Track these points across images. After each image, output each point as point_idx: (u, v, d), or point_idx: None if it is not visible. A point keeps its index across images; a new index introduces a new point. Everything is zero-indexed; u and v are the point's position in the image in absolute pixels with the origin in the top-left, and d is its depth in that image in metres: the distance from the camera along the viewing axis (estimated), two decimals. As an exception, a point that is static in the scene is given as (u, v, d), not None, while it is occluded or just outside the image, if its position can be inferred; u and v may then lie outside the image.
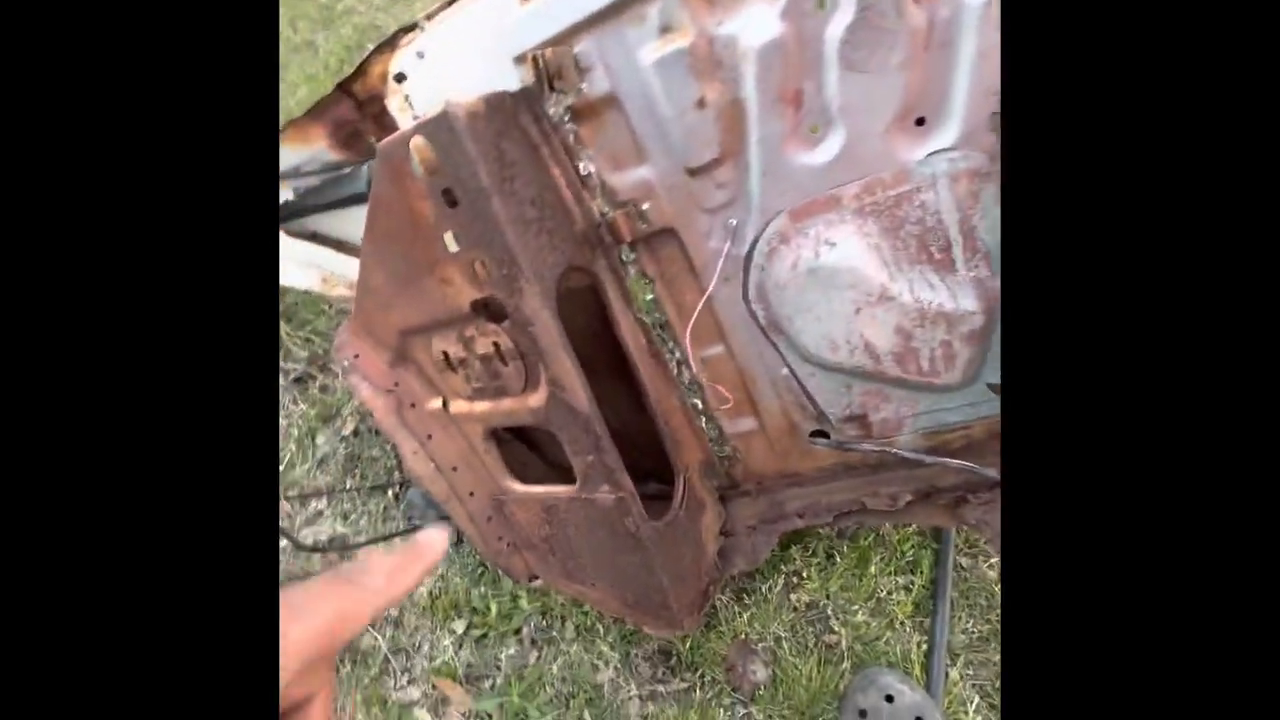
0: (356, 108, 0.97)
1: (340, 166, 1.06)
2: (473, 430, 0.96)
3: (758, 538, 1.03)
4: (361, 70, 0.90)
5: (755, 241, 0.80)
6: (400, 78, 0.80)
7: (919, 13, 0.62)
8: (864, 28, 0.64)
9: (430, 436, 1.00)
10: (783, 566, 1.09)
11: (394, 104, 0.82)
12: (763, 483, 1.05)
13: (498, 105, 0.72)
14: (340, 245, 1.17)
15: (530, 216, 0.74)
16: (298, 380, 1.36)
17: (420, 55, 0.78)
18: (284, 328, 1.41)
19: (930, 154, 0.70)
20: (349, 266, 1.12)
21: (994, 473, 0.86)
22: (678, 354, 0.93)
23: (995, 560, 1.05)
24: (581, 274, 0.84)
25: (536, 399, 0.84)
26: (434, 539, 0.38)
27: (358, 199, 1.10)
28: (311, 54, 2.18)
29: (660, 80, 0.71)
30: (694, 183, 0.77)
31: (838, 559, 1.06)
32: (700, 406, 0.98)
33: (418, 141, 0.71)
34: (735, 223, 0.79)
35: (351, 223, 1.16)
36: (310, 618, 0.30)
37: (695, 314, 0.86)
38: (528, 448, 1.14)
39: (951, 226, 0.73)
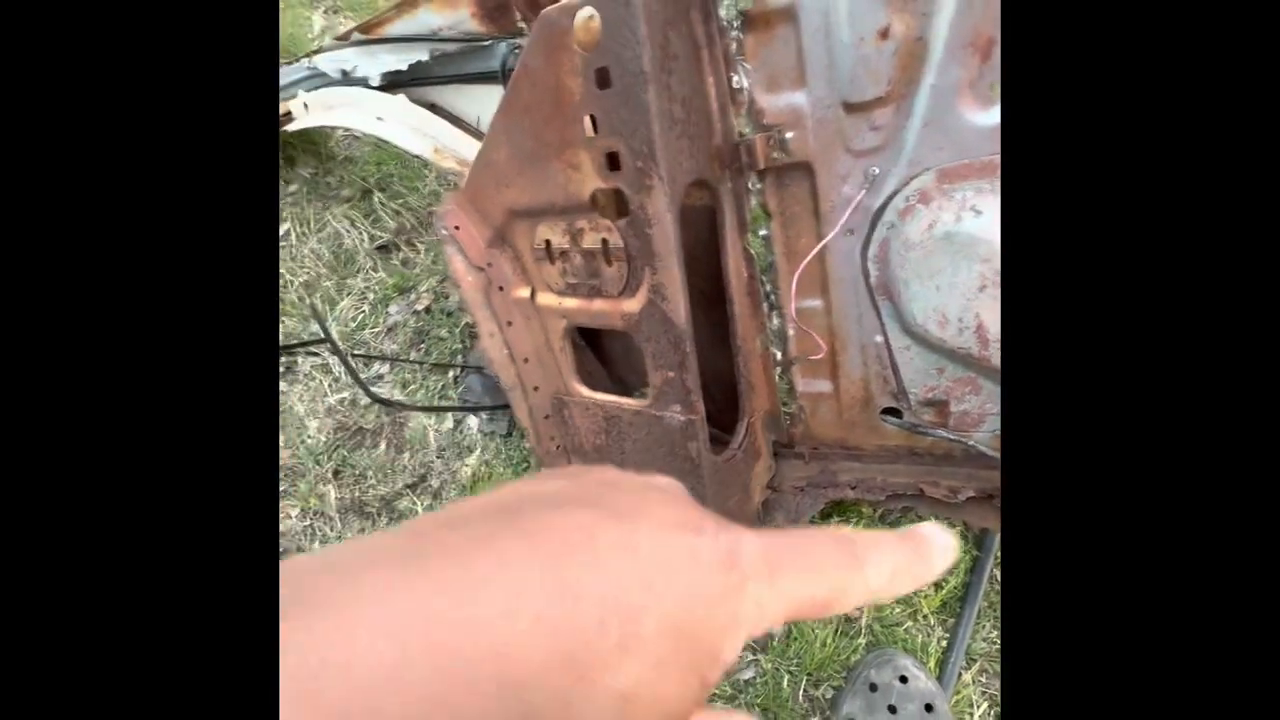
0: (513, -21, 0.95)
1: (478, 39, 1.05)
2: (554, 326, 0.97)
3: (804, 499, 1.03)
4: (530, -61, 0.88)
5: (892, 196, 0.77)
6: (576, -51, 0.78)
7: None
8: (1088, -18, 0.59)
9: (510, 323, 1.01)
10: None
11: (561, -24, 0.80)
12: (819, 449, 1.04)
13: (675, -7, 0.70)
14: (457, 121, 1.17)
15: (678, 116, 0.73)
16: (381, 248, 1.38)
17: (604, -72, 0.75)
18: (378, 196, 1.42)
19: (1113, 137, 0.65)
20: (462, 142, 1.12)
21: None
22: (773, 298, 0.92)
23: (1033, 581, 1.03)
24: (704, 191, 0.82)
25: (633, 304, 0.84)
26: (945, 544, 0.27)
27: (486, 77, 1.09)
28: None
29: (849, 1, 0.67)
30: (847, 119, 0.74)
31: (875, 540, 1.06)
32: (780, 357, 0.96)
33: (587, 12, 0.69)
34: (878, 171, 0.76)
35: (474, 100, 1.16)
36: (810, 580, 0.22)
37: (807, 260, 0.84)
38: (599, 361, 1.15)
39: (1109, 221, 0.69)
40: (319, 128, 1.30)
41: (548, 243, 0.90)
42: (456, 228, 0.98)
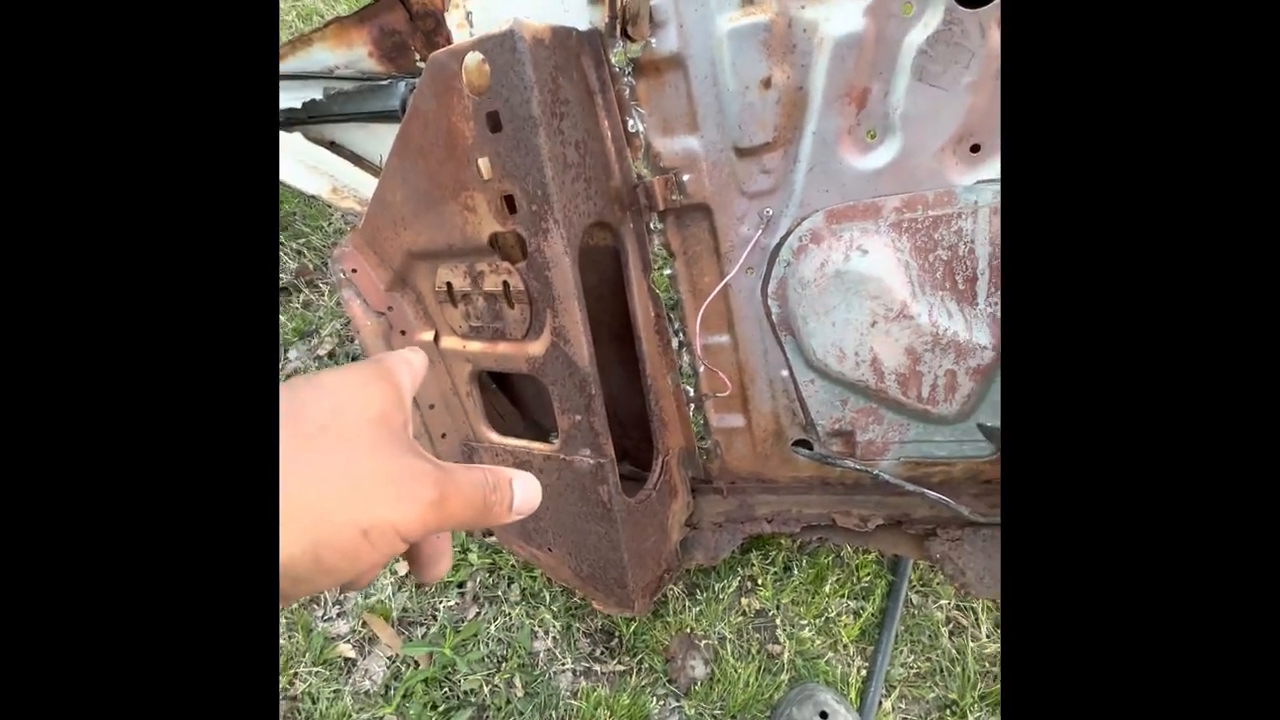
0: (408, 18, 0.94)
1: (376, 78, 1.03)
2: (460, 370, 0.93)
3: (722, 535, 1.02)
4: (423, -20, 0.87)
5: (786, 235, 0.79)
6: (466, -8, 0.77)
7: (1000, 39, 0.63)
8: (944, 42, 0.64)
9: (415, 368, 0.97)
10: (740, 570, 1.08)
11: (453, 19, 0.79)
12: (736, 483, 1.04)
13: (564, 39, 0.70)
14: (358, 160, 1.13)
15: (571, 159, 0.72)
16: (282, 290, 1.31)
17: (492, -26, 0.75)
18: (280, 237, 1.36)
19: (979, 182, 0.70)
20: (362, 180, 1.08)
21: (969, 511, 0.87)
22: (681, 336, 0.92)
23: (944, 601, 1.06)
24: (606, 232, 0.82)
25: (536, 347, 0.82)
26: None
27: (386, 116, 1.06)
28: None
29: (732, 51, 0.69)
30: (740, 163, 0.76)
31: (795, 572, 1.06)
32: (692, 394, 0.96)
33: (475, 57, 0.68)
34: (772, 212, 0.78)
35: (373, 139, 1.12)
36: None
37: (711, 298, 0.85)
38: (510, 401, 1.11)
39: (982, 259, 0.74)
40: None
41: (449, 285, 0.88)
42: (354, 270, 0.94)
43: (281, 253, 1.33)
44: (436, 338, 0.94)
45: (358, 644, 1.05)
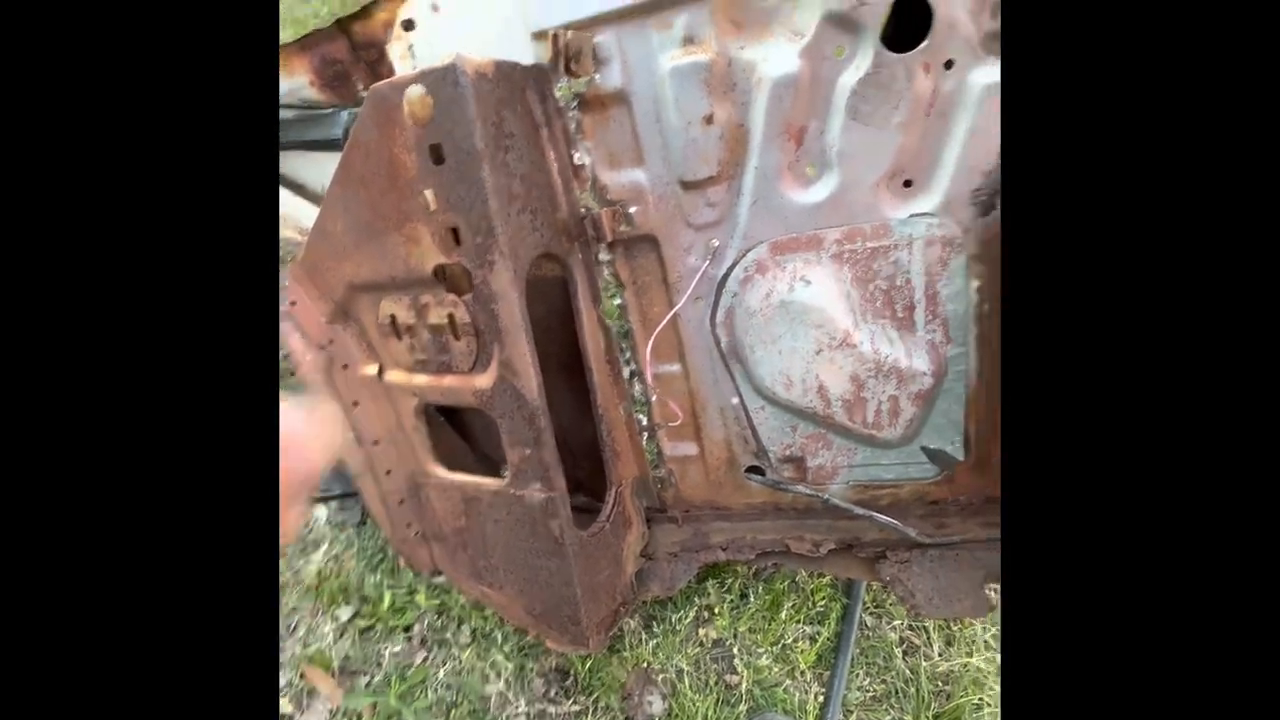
0: (351, 49, 0.92)
1: (317, 107, 1.00)
2: (405, 404, 0.91)
3: (678, 566, 1.01)
4: (365, 12, 0.86)
5: (733, 266, 0.81)
6: (409, 25, 0.77)
7: (927, 81, 0.66)
8: (874, 83, 0.67)
9: (357, 403, 0.93)
10: (696, 600, 1.07)
11: (395, 50, 0.79)
12: (690, 511, 1.04)
13: (508, 73, 0.70)
14: (299, 189, 1.10)
15: (516, 192, 0.72)
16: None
17: (435, 8, 0.75)
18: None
19: (912, 215, 0.73)
20: (301, 209, 1.05)
21: (916, 533, 0.88)
22: (633, 365, 0.92)
23: (898, 622, 1.07)
24: (554, 263, 0.82)
25: (484, 380, 0.80)
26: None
27: (328, 144, 1.04)
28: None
29: (674, 88, 0.71)
30: (685, 196, 0.78)
31: (751, 599, 1.06)
32: (645, 423, 0.96)
33: (418, 89, 0.68)
34: (718, 244, 0.80)
35: (313, 167, 1.10)
36: None
37: (660, 327, 0.86)
38: (459, 435, 1.09)
39: (918, 288, 0.77)
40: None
41: (393, 317, 0.85)
42: (293, 303, 0.91)
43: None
44: (381, 371, 0.91)
45: (295, 698, 0.99)
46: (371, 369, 0.92)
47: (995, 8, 0.62)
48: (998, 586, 0.88)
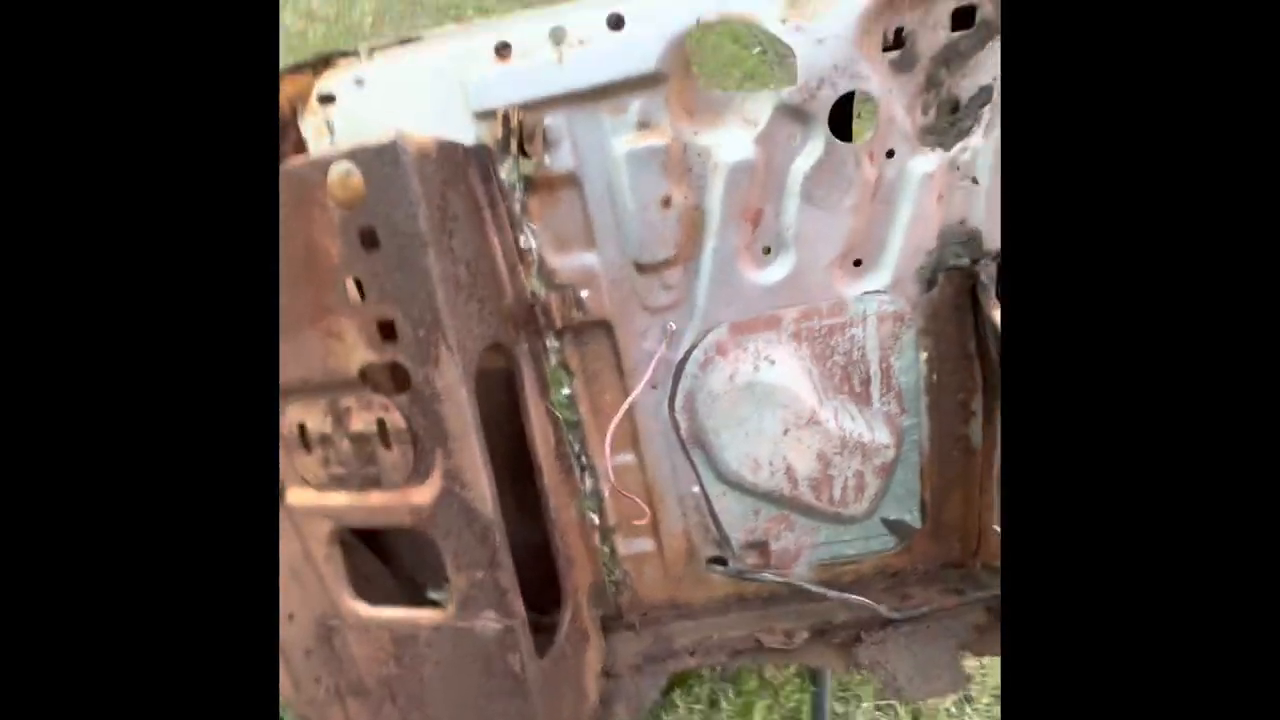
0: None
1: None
2: (315, 530, 0.75)
3: (643, 680, 0.91)
4: (265, 85, 0.77)
5: (691, 349, 0.78)
6: (327, 99, 0.69)
7: (872, 168, 0.69)
8: (825, 170, 0.69)
9: (250, 534, 0.76)
10: (663, 715, 0.96)
11: (309, 125, 0.70)
12: (649, 614, 0.95)
13: (450, 153, 0.64)
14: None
15: (463, 279, 0.65)
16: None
17: (359, 82, 0.68)
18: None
19: (865, 293, 0.75)
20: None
21: (886, 609, 0.86)
22: (584, 459, 0.85)
23: (866, 704, 1.03)
24: (497, 354, 0.74)
25: (423, 495, 0.68)
26: None
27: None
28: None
29: (630, 172, 0.69)
30: (640, 279, 0.74)
31: (722, 705, 0.97)
32: (597, 522, 0.88)
33: (344, 167, 0.59)
34: (675, 326, 0.77)
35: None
36: None
37: (618, 416, 0.80)
38: (380, 560, 0.92)
39: (873, 362, 0.78)
40: None
41: (302, 426, 0.72)
42: (162, 417, 0.74)
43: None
44: (282, 491, 0.75)
45: None
46: (269, 490, 0.76)
47: (926, 105, 0.68)
48: (968, 655, 0.87)
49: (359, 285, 0.63)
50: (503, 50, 0.66)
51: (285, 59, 0.70)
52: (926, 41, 0.65)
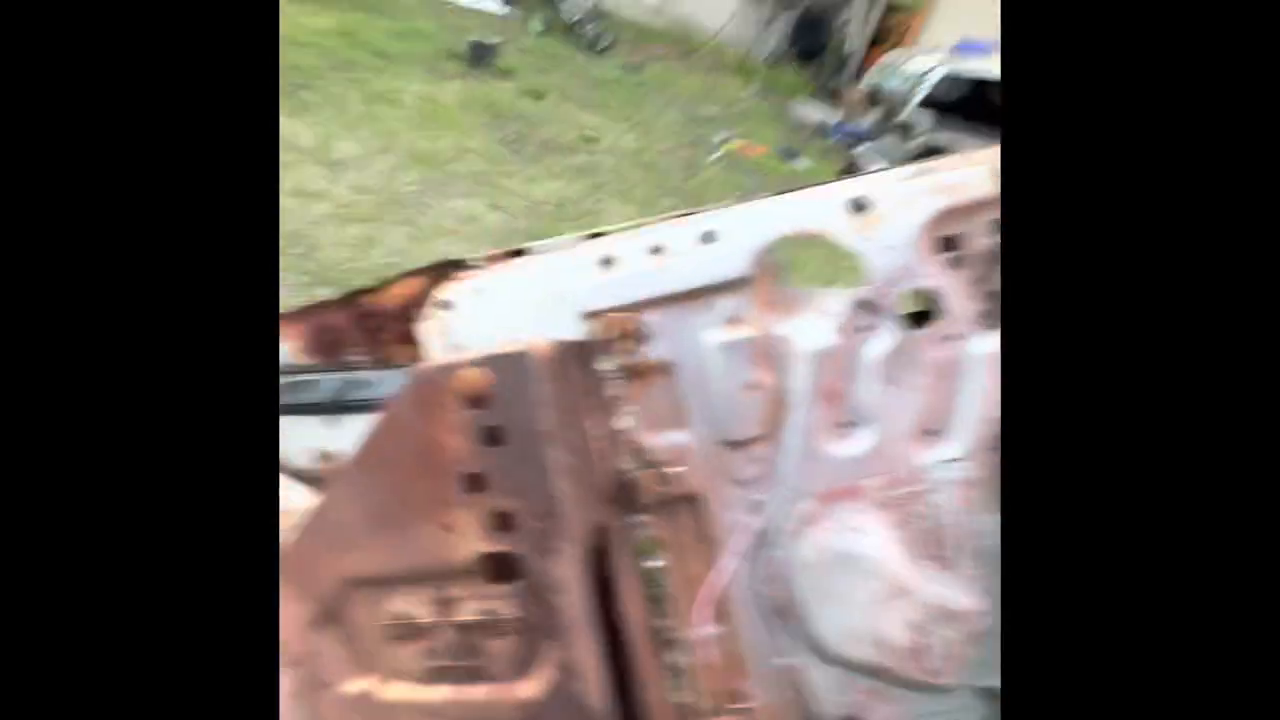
0: (354, 319, 0.90)
1: (304, 371, 0.94)
2: (411, 728, 0.73)
3: None
4: (380, 287, 0.86)
5: (779, 520, 0.80)
6: (445, 305, 0.77)
7: (939, 350, 0.76)
8: (898, 352, 0.76)
9: (340, 734, 0.74)
10: None
11: (428, 329, 0.77)
12: (738, 802, 0.88)
13: (562, 352, 0.71)
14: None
15: (576, 469, 0.69)
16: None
17: (477, 292, 0.77)
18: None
19: (941, 461, 0.79)
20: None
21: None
22: (670, 633, 0.84)
23: None
24: (596, 534, 0.76)
25: (531, 688, 0.67)
26: None
27: (309, 409, 0.95)
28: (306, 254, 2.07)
29: (720, 360, 0.75)
30: (729, 454, 0.79)
31: None
32: (685, 698, 0.85)
33: (474, 373, 0.66)
34: (762, 499, 0.80)
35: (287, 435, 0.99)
36: None
37: (709, 586, 0.80)
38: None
39: (955, 527, 0.80)
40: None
41: (404, 617, 0.72)
42: (263, 609, 0.74)
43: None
44: (376, 688, 0.74)
45: None
46: (360, 685, 0.74)
47: (979, 295, 0.76)
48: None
49: (478, 480, 0.67)
50: (606, 262, 0.75)
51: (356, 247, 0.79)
52: (973, 244, 0.75)
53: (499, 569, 0.69)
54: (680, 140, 5.76)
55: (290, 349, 0.94)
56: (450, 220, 2.73)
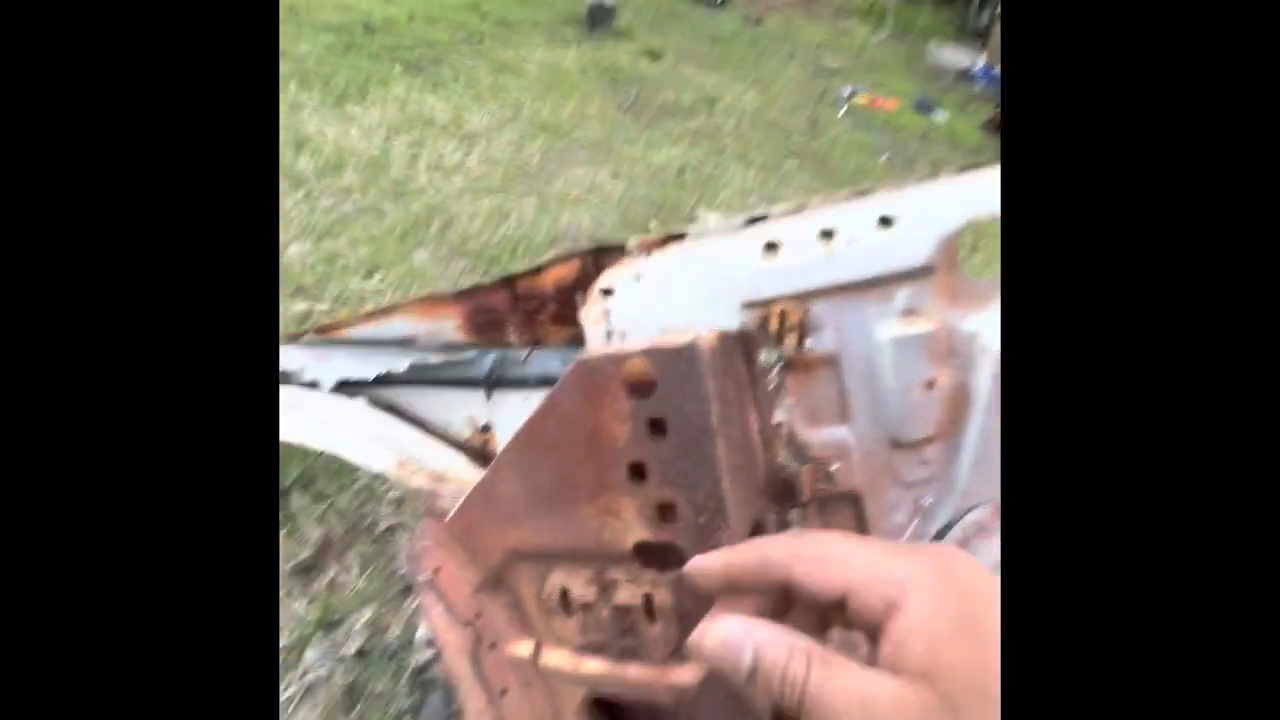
0: (511, 301, 0.93)
1: (461, 348, 0.99)
2: (568, 695, 0.77)
3: None
4: (537, 270, 0.88)
5: (948, 526, 0.74)
6: (607, 292, 0.78)
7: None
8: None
9: (505, 691, 0.79)
10: None
11: (589, 314, 0.78)
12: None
13: (727, 343, 0.69)
14: (422, 425, 1.05)
15: (739, 464, 0.67)
16: (302, 569, 1.11)
17: (637, 278, 0.76)
18: (296, 497, 1.20)
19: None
20: (433, 452, 0.99)
21: None
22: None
23: None
24: (753, 529, 0.75)
25: (685, 675, 0.68)
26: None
27: (465, 383, 1.01)
28: (376, 218, 2.25)
29: (893, 356, 0.70)
30: (896, 454, 0.74)
31: None
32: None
33: (640, 363, 0.65)
34: (930, 501, 0.74)
35: (442, 405, 1.06)
36: None
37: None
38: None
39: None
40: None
41: (565, 591, 0.75)
42: (437, 570, 0.81)
43: (302, 519, 1.17)
44: (537, 652, 0.78)
45: None
46: (524, 648, 0.79)
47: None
48: None
49: (641, 469, 0.67)
50: (771, 248, 0.72)
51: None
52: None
53: (659, 557, 0.70)
54: (803, 96, 5.43)
55: (450, 328, 0.99)
56: (575, 189, 2.77)
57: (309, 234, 2.02)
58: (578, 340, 0.94)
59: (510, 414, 0.99)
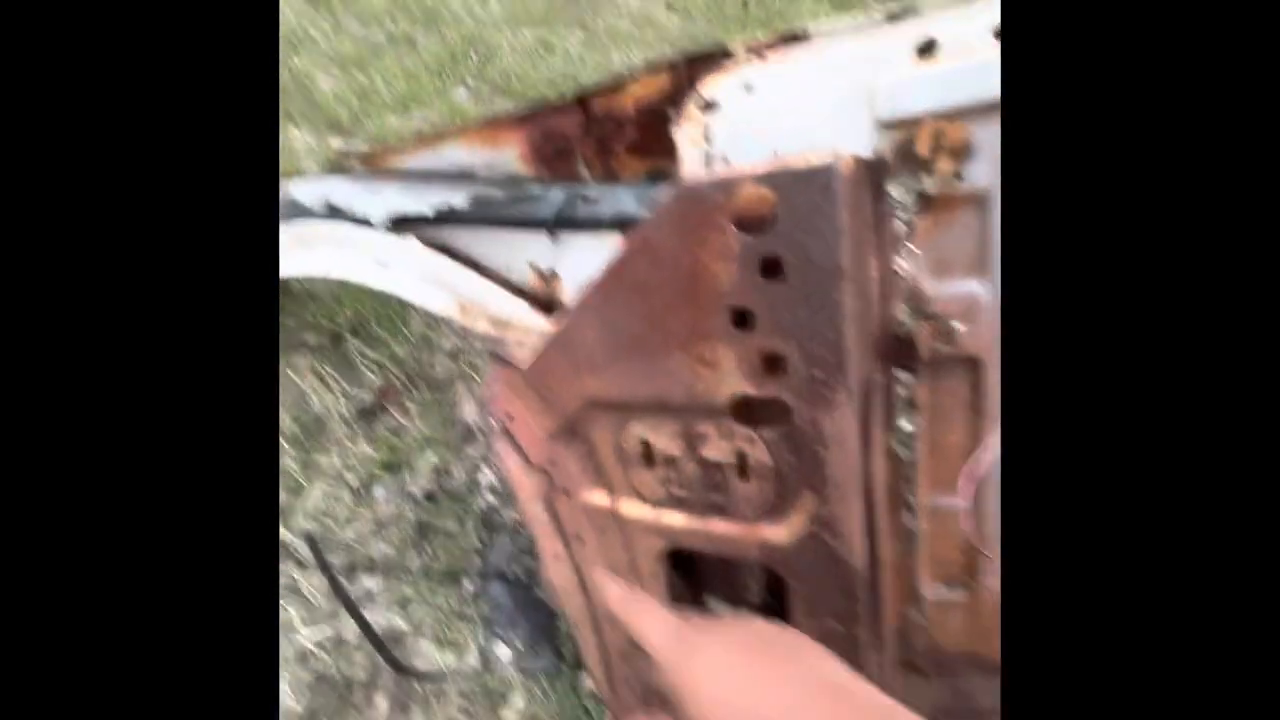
0: (584, 124, 0.81)
1: (524, 182, 0.88)
2: (646, 545, 0.75)
3: (943, 736, 0.84)
4: (616, 87, 0.74)
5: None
6: (709, 106, 0.64)
7: None
8: None
9: (580, 538, 0.78)
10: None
11: (684, 133, 0.66)
12: (943, 663, 0.87)
13: (860, 172, 0.57)
14: (478, 267, 0.98)
15: (860, 313, 0.58)
16: (364, 413, 1.11)
17: (748, 89, 0.63)
18: (353, 343, 1.17)
19: None
20: (494, 296, 0.92)
21: None
22: (910, 499, 0.77)
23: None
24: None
25: (779, 533, 0.65)
26: None
27: (528, 223, 0.91)
28: (410, 48, 2.03)
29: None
30: (1036, 315, 0.64)
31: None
32: (914, 564, 0.80)
33: (758, 191, 0.54)
34: (1065, 371, 0.65)
35: (502, 246, 0.97)
36: None
37: (975, 459, 0.71)
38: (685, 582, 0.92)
39: None
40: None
41: (646, 443, 0.71)
42: (510, 417, 0.77)
43: (361, 365, 1.14)
44: (614, 501, 0.76)
45: None
46: (599, 497, 0.77)
47: None
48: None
49: (746, 315, 0.59)
50: (927, 49, 0.57)
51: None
52: None
53: (758, 412, 0.64)
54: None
55: (513, 157, 0.87)
56: (625, 22, 2.45)
57: (336, 62, 1.84)
58: (660, 174, 0.82)
59: (578, 259, 0.90)
